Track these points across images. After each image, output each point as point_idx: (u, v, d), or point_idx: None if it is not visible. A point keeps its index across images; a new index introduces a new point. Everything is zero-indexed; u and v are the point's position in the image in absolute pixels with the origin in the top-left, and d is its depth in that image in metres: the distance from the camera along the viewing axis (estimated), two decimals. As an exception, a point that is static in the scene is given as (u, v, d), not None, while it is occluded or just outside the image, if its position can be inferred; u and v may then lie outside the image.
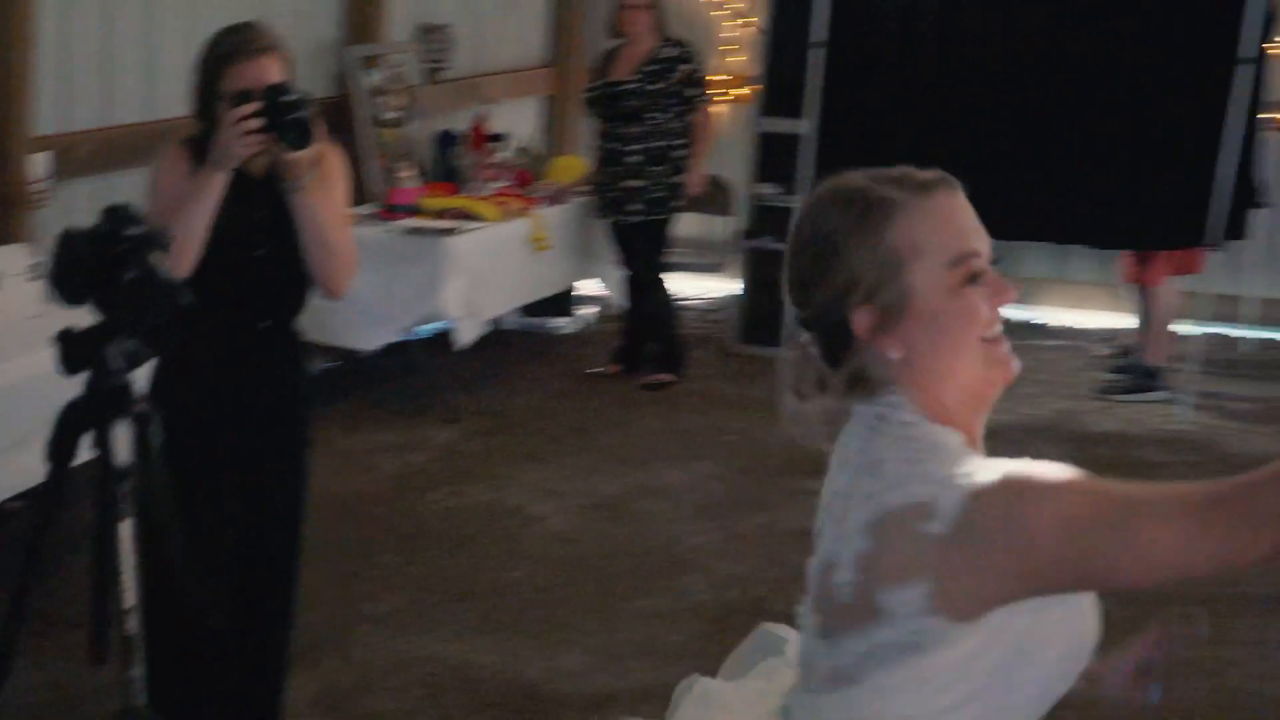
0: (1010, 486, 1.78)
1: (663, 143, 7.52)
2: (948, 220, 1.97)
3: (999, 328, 1.97)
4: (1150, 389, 7.58)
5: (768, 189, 8.18)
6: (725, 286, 9.03)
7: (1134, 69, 7.32)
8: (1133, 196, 7.32)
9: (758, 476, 6.36)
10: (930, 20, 7.67)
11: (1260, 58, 7.28)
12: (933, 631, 1.82)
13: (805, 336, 2.03)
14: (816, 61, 7.76)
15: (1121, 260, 7.81)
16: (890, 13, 7.73)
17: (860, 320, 1.94)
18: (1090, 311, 9.00)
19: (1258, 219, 7.90)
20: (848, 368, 1.97)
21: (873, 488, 1.88)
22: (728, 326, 8.52)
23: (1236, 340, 8.65)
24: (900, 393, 1.95)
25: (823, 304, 1.98)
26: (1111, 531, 1.74)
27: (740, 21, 9.54)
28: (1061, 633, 1.87)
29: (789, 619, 4.98)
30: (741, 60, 9.37)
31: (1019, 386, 7.15)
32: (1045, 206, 7.57)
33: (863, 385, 1.97)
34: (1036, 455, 5.82)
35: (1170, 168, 7.27)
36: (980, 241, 1.97)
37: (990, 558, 1.77)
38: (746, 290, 8.35)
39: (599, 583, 5.29)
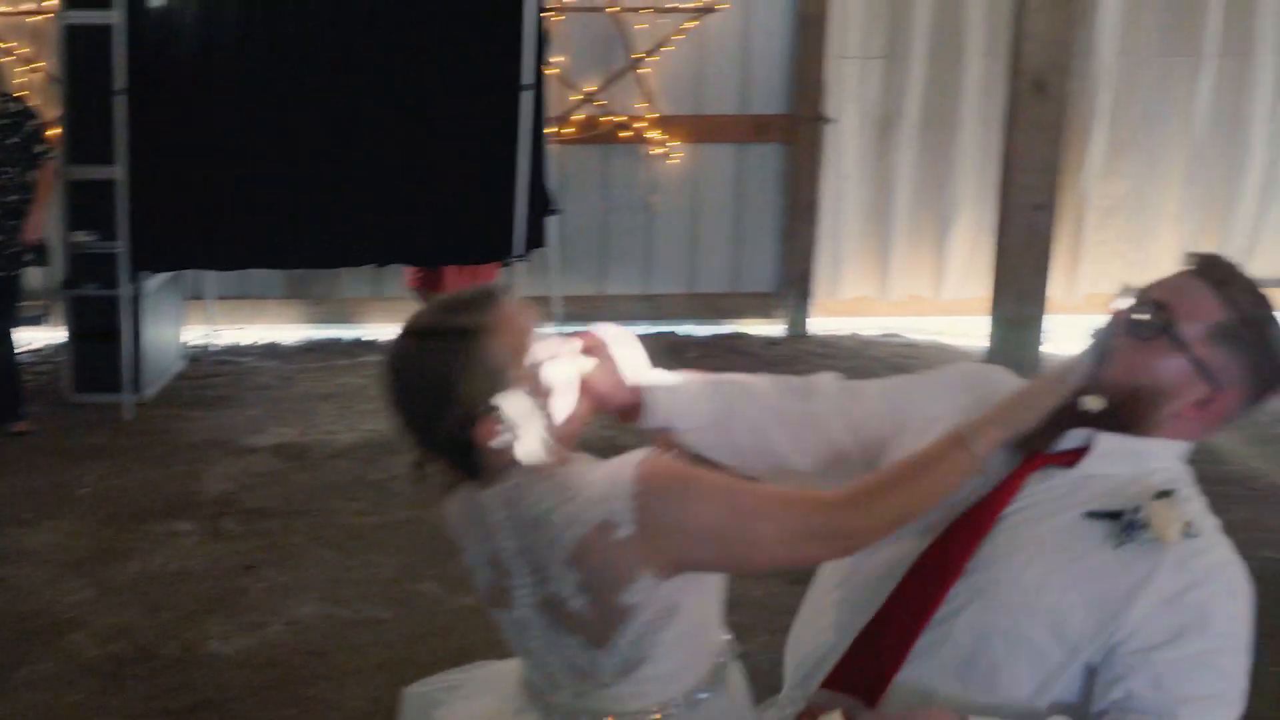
0: (666, 478, 2.26)
1: (15, 197, 7.44)
2: (517, 323, 2.35)
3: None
4: None
5: (85, 237, 8.12)
6: (50, 336, 8.89)
7: (432, 97, 7.81)
8: (445, 216, 7.84)
9: (121, 525, 6.40)
10: (226, 61, 7.81)
11: (539, 82, 8.01)
12: (675, 592, 2.29)
13: (427, 456, 2.38)
14: (121, 108, 7.77)
15: (407, 270, 8.30)
16: (186, 57, 7.83)
17: (483, 430, 2.28)
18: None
19: (552, 225, 8.72)
20: (478, 467, 2.34)
21: (549, 535, 2.29)
22: (61, 377, 8.39)
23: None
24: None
25: (449, 434, 2.30)
26: (741, 531, 2.26)
27: (29, 67, 9.36)
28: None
29: (181, 663, 5.11)
30: (33, 107, 9.18)
31: (359, 404, 7.60)
32: (361, 232, 7.95)
33: (488, 473, 2.34)
34: (387, 469, 6.26)
35: (475, 187, 7.86)
36: (537, 320, 2.37)
37: (669, 534, 2.24)
38: (74, 339, 8.24)
39: (-19, 656, 5.21)
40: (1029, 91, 5.73)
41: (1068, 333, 6.52)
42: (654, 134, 9.66)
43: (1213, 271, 2.38)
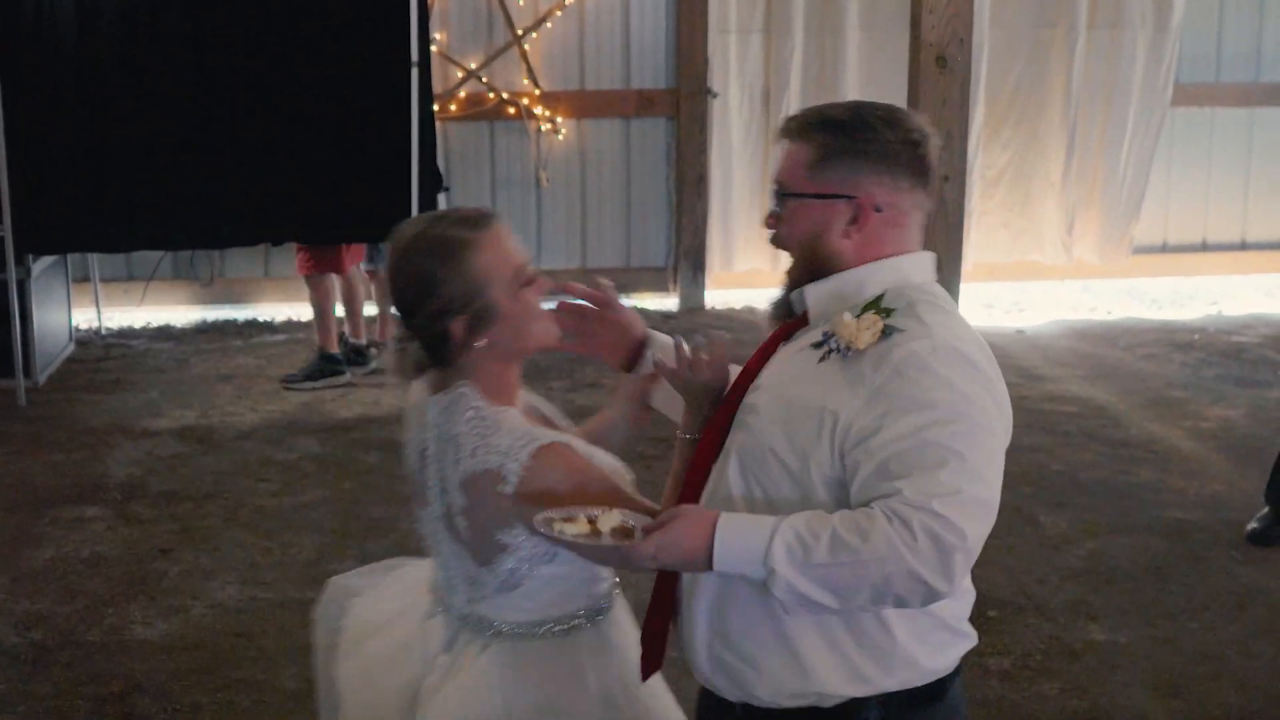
0: (557, 465, 2.65)
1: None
2: (504, 244, 2.77)
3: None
4: (331, 373, 8.09)
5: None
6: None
7: (322, 75, 7.75)
8: (339, 194, 7.78)
9: (28, 512, 6.29)
10: (107, 40, 7.67)
11: (425, 59, 7.98)
12: (547, 546, 2.69)
13: (408, 337, 2.78)
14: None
15: (299, 257, 8.23)
16: (64, 37, 7.65)
17: (457, 329, 2.71)
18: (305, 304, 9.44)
19: (441, 203, 8.71)
20: (440, 364, 2.78)
21: (456, 455, 2.69)
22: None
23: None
24: (470, 384, 2.75)
25: (426, 323, 2.73)
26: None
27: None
28: None
29: (106, 648, 5.04)
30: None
31: (258, 384, 7.57)
32: (253, 211, 7.87)
33: (444, 375, 2.78)
34: (294, 449, 6.25)
35: (368, 164, 7.81)
36: (524, 253, 2.78)
37: (538, 508, 2.56)
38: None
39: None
40: (931, 65, 5.84)
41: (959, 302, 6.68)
42: (539, 110, 9.67)
43: (789, 129, 2.65)
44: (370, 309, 8.70)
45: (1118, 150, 10.08)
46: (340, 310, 8.53)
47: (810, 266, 2.62)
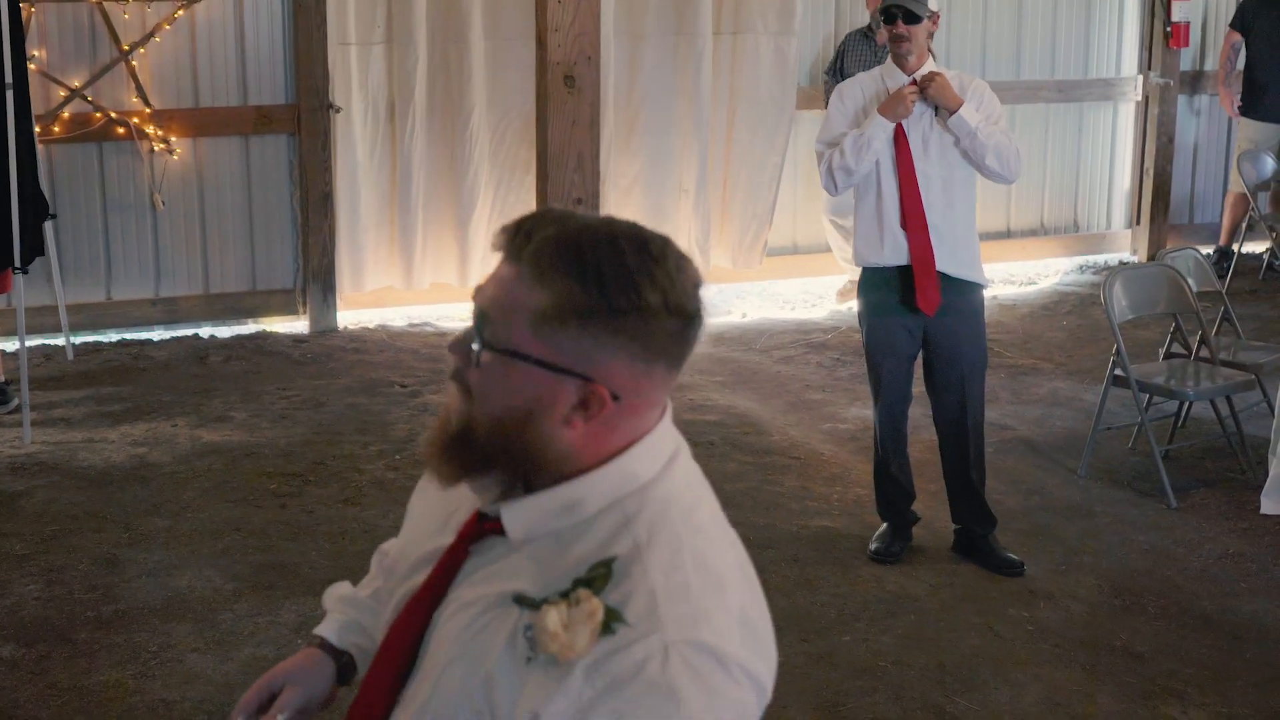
0: None
1: None
2: None
3: None
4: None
5: None
6: None
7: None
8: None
9: None
10: None
11: (22, 79, 7.45)
12: None
13: None
14: None
15: None
16: None
17: None
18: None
19: (48, 231, 8.17)
20: None
21: None
22: None
23: (62, 349, 8.77)
24: None
25: None
26: None
27: None
28: None
29: None
30: None
31: None
32: None
33: None
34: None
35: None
36: None
37: None
38: None
39: None
40: (560, 84, 5.69)
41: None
42: (151, 129, 9.16)
43: (518, 249, 1.90)
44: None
45: (749, 155, 10.19)
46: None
47: (505, 451, 1.91)
